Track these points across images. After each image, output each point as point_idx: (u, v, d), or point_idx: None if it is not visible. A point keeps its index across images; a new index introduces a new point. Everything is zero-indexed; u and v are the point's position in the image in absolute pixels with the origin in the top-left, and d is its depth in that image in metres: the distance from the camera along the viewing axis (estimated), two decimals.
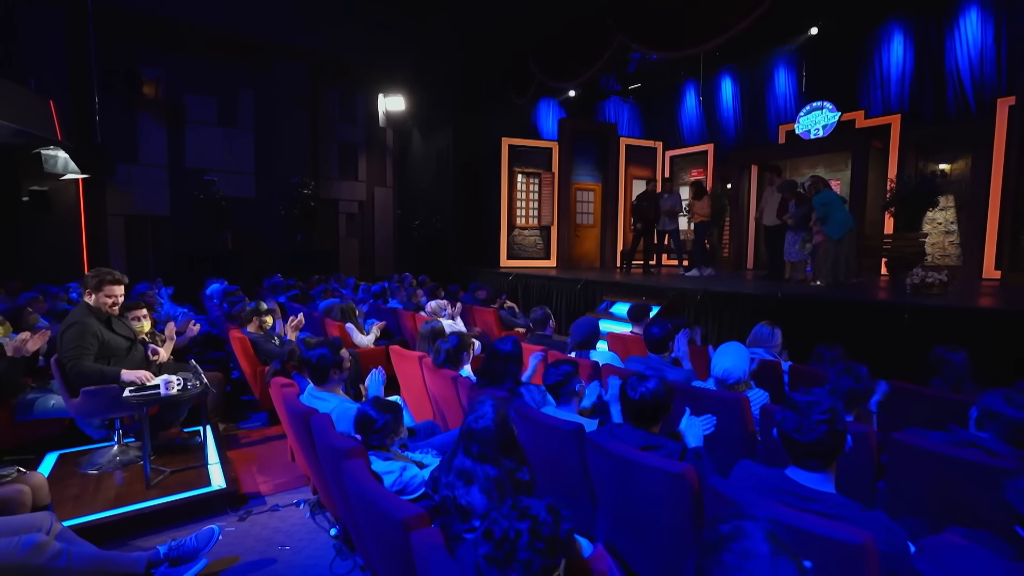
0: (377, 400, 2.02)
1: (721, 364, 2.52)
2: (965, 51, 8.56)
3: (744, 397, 2.41)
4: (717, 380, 2.56)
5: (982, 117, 8.29)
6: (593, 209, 11.41)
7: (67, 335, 2.98)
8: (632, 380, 2.04)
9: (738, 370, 2.51)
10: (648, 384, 2.01)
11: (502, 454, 1.70)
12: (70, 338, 2.96)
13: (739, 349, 2.57)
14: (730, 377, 2.51)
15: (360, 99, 12.23)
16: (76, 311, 3.15)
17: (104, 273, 3.17)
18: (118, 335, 3.20)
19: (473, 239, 11.04)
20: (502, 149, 10.55)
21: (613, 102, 12.86)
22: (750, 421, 2.44)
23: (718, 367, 2.53)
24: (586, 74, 8.77)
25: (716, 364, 2.55)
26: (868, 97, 9.62)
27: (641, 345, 4.06)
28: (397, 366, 3.57)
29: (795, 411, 1.44)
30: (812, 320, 4.77)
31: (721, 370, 2.52)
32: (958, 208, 8.61)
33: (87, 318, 3.06)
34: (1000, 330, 3.78)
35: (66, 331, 2.99)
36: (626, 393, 1.98)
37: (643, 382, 2.02)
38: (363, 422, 1.96)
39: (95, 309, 3.11)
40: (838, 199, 6.35)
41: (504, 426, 1.71)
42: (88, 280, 3.14)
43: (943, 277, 5.23)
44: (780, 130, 10.62)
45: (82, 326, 3.00)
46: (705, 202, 7.92)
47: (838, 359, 3.01)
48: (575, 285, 7.23)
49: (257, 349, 4.06)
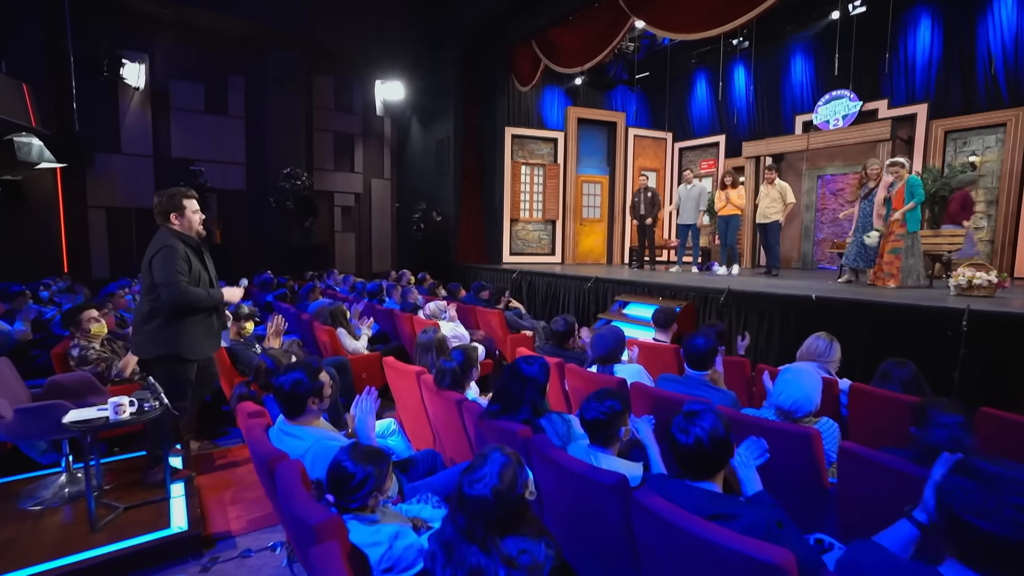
0: (355, 449, 1.56)
1: (789, 393, 2.07)
2: (999, 35, 8.06)
3: (815, 432, 1.96)
4: (781, 411, 2.10)
5: (1015, 105, 7.82)
6: (600, 203, 10.94)
7: (156, 262, 2.67)
8: (680, 420, 1.57)
9: (810, 402, 2.05)
10: (703, 422, 1.54)
11: (499, 532, 1.26)
12: (160, 263, 2.66)
13: (810, 377, 2.11)
14: (799, 410, 2.06)
15: (356, 87, 11.72)
16: (160, 236, 2.78)
17: (174, 190, 2.85)
18: (206, 270, 2.93)
19: (474, 234, 10.56)
20: (505, 139, 10.05)
21: (620, 91, 12.34)
22: (822, 464, 2.00)
23: (785, 396, 2.08)
24: (595, 60, 8.28)
25: (781, 392, 2.10)
26: (891, 85, 9.12)
27: (667, 355, 3.61)
28: (392, 382, 3.12)
29: (980, 483, 0.96)
30: (849, 327, 4.31)
31: (790, 402, 2.06)
32: (987, 202, 8.15)
33: (174, 241, 2.74)
34: None
35: (153, 258, 2.69)
36: (675, 438, 1.52)
37: (695, 421, 1.55)
38: (337, 478, 1.50)
39: (182, 233, 2.82)
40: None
41: (507, 496, 1.27)
42: (165, 202, 2.80)
43: (992, 278, 4.77)
44: (796, 120, 10.12)
45: (171, 249, 2.70)
46: (741, 192, 7.42)
47: (911, 381, 2.56)
48: (584, 284, 6.77)
49: (235, 359, 3.61)
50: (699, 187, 7.94)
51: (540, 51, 8.97)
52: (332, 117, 11.46)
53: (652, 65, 11.22)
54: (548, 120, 11.20)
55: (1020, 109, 7.73)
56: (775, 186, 6.87)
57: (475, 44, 10.19)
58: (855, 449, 1.88)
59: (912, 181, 5.50)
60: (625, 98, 12.34)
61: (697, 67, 11.66)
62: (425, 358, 3.01)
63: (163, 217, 2.82)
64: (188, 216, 2.83)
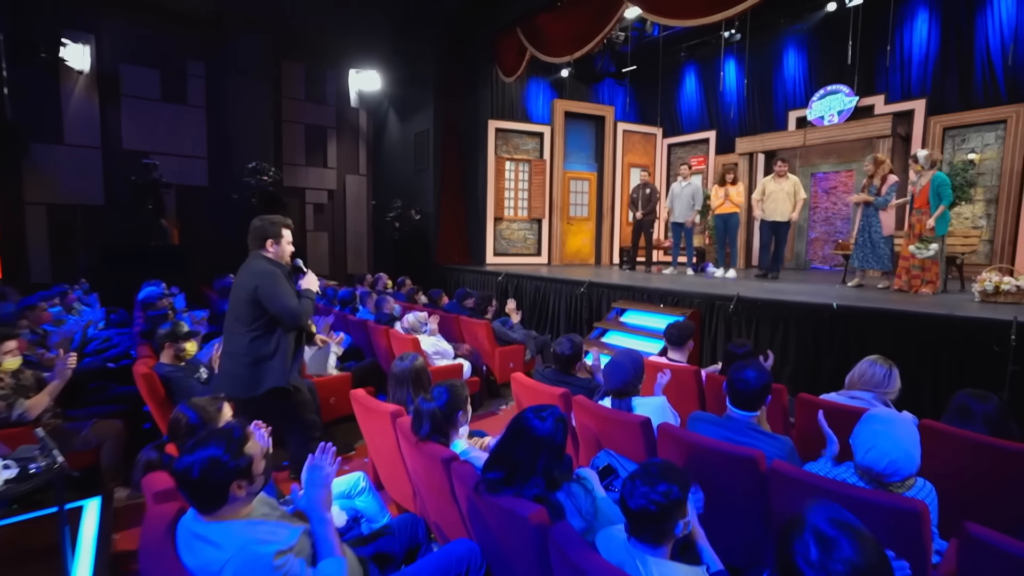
0: None
1: (883, 450, 1.58)
2: (997, 30, 7.82)
3: (922, 508, 1.48)
4: (867, 472, 1.61)
5: (1013, 102, 7.59)
6: (588, 200, 10.46)
7: (267, 291, 2.57)
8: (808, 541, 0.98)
9: (911, 463, 1.57)
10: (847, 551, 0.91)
11: None
12: (273, 291, 2.58)
13: (907, 429, 1.62)
14: (896, 474, 1.57)
15: (329, 77, 11.00)
16: (256, 264, 2.69)
17: (276, 217, 2.81)
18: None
19: (456, 233, 9.98)
20: (488, 133, 9.49)
21: (608, 84, 11.87)
22: (929, 549, 1.52)
23: (877, 454, 1.59)
24: (584, 48, 7.76)
25: (871, 447, 1.61)
26: (887, 81, 8.84)
27: (686, 379, 3.12)
28: (362, 422, 2.55)
29: None
30: (876, 340, 3.89)
31: (885, 462, 1.57)
32: (987, 201, 7.91)
33: (273, 268, 2.68)
34: None
35: (259, 287, 2.59)
36: (794, 563, 0.98)
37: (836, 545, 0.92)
38: None
39: (275, 261, 2.73)
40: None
41: None
42: (266, 228, 2.74)
43: (1021, 283, 4.42)
44: (790, 116, 9.80)
45: (277, 275, 2.65)
46: (740, 189, 6.98)
47: (998, 419, 2.11)
48: (577, 288, 6.27)
49: (173, 388, 2.99)
50: (694, 185, 7.51)
51: (526, 39, 8.42)
52: (303, 108, 10.73)
53: (640, 58, 10.77)
54: (533, 113, 10.67)
55: (1020, 106, 7.49)
56: (789, 180, 6.44)
57: (456, 32, 9.59)
58: (984, 537, 1.40)
59: (940, 180, 5.05)
60: (612, 92, 11.88)
61: (687, 60, 11.26)
62: (400, 393, 2.45)
63: (259, 243, 2.73)
64: (283, 246, 2.77)
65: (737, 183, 6.95)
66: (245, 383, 2.61)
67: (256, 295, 2.57)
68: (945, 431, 2.12)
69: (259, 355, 2.61)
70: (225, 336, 2.74)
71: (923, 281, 5.02)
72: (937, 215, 4.94)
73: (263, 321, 2.60)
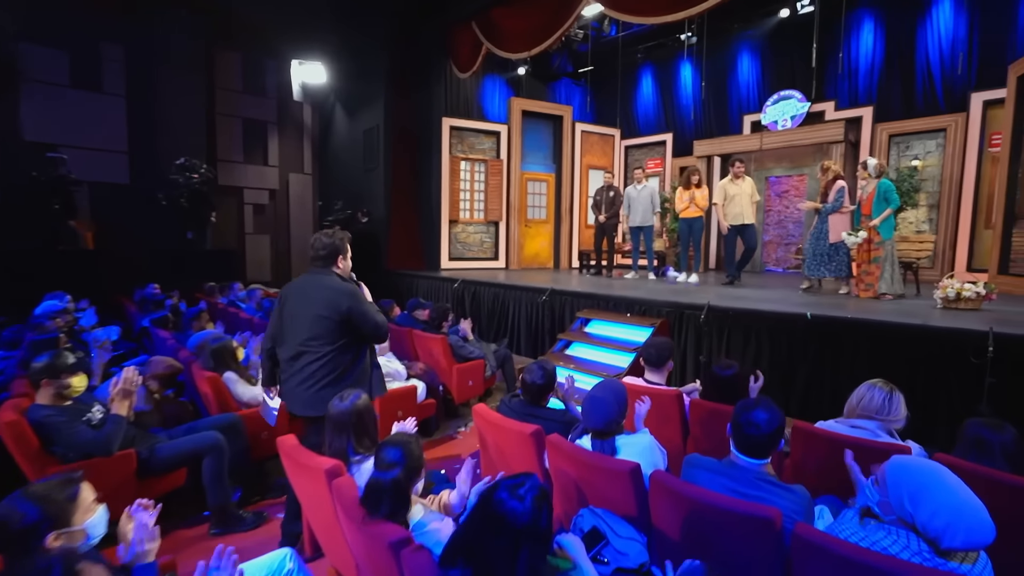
0: None
1: (941, 505, 1.29)
2: (936, 43, 8.10)
3: None
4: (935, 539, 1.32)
5: (951, 111, 7.88)
6: (546, 202, 10.18)
7: (354, 307, 2.53)
8: None
9: (987, 532, 1.28)
10: None
11: None
12: (360, 307, 2.56)
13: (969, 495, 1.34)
14: (973, 544, 1.28)
15: (270, 67, 10.21)
16: (328, 280, 2.59)
17: (341, 232, 2.71)
18: None
19: (408, 237, 9.45)
20: (443, 131, 9.03)
21: (565, 84, 11.66)
22: None
23: (932, 514, 1.30)
24: (543, 45, 7.44)
25: (919, 503, 1.32)
26: (835, 88, 9.02)
27: (668, 406, 2.82)
28: (292, 476, 2.09)
29: None
30: (850, 351, 3.76)
31: (942, 524, 1.28)
32: (929, 206, 8.18)
33: (350, 284, 2.66)
34: None
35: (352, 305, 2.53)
36: None
37: None
38: None
39: (344, 277, 2.68)
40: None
41: None
42: (338, 243, 2.65)
43: (980, 289, 4.43)
44: (744, 120, 9.87)
45: (357, 290, 2.65)
46: (706, 193, 6.84)
47: (1016, 451, 1.90)
48: (538, 296, 5.93)
49: (52, 437, 2.41)
50: (650, 188, 7.35)
51: (481, 33, 8.03)
52: (240, 100, 9.90)
53: (597, 58, 10.59)
54: (489, 112, 10.29)
55: (958, 115, 7.77)
56: (747, 181, 6.35)
57: (408, 22, 9.08)
58: None
59: (886, 186, 5.16)
60: (570, 92, 11.68)
61: (643, 62, 11.20)
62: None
63: (330, 260, 2.63)
64: (348, 260, 2.72)
65: (702, 186, 6.83)
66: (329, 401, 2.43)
67: (347, 314, 2.52)
68: (968, 469, 1.89)
69: (343, 371, 2.57)
70: (295, 355, 2.57)
71: (867, 285, 5.10)
72: (884, 216, 5.04)
73: (348, 338, 2.57)
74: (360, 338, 2.60)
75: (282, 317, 2.61)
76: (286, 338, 2.60)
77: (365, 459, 2.01)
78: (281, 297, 2.69)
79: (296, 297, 2.61)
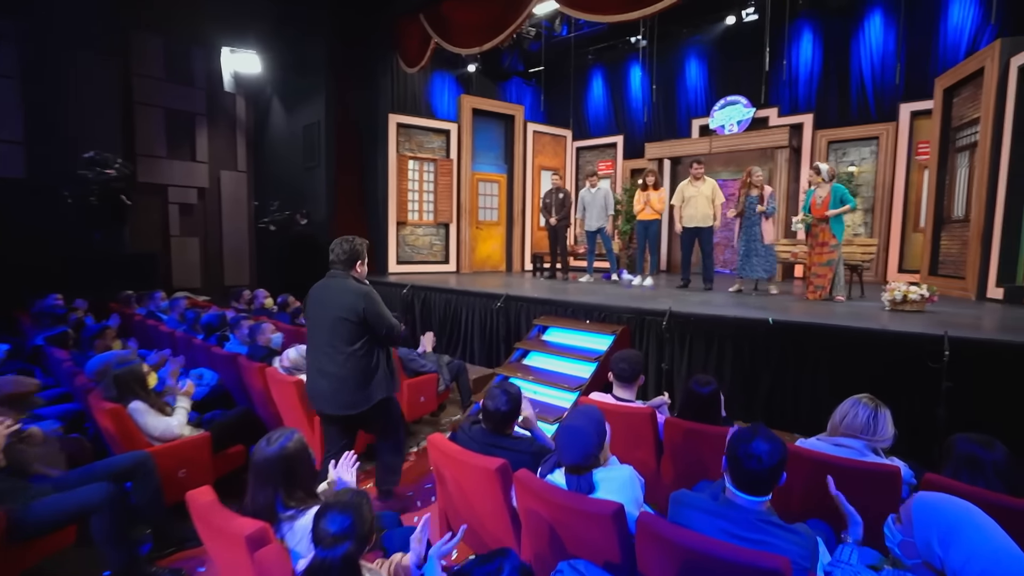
0: None
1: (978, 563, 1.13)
2: (868, 55, 8.49)
3: None
4: None
5: (882, 120, 8.28)
6: (498, 204, 9.92)
7: (371, 311, 2.66)
8: None
9: None
10: None
11: None
12: (377, 310, 2.69)
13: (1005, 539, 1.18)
14: None
15: (196, 54, 9.39)
16: (347, 284, 2.71)
17: (359, 239, 2.84)
18: None
19: None
20: (389, 128, 8.59)
21: (516, 84, 11.46)
22: None
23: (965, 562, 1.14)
24: (494, 41, 7.18)
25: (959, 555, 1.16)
26: (778, 94, 9.30)
27: (640, 426, 2.62)
28: (207, 540, 1.71)
29: None
30: (812, 356, 3.72)
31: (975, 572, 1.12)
32: (864, 211, 8.55)
33: (368, 287, 2.77)
34: None
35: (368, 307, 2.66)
36: None
37: None
38: None
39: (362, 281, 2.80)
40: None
41: None
42: (358, 248, 2.80)
43: (924, 292, 4.55)
44: (693, 124, 10.02)
45: (375, 293, 2.75)
46: (663, 195, 6.77)
47: (1007, 469, 1.81)
48: (493, 303, 5.66)
49: None
50: (604, 190, 7.24)
51: (430, 26, 7.68)
52: (162, 89, 9.03)
53: (548, 58, 10.45)
54: (439, 109, 9.93)
55: (889, 124, 8.16)
56: (707, 183, 6.32)
57: (351, 12, 8.56)
58: None
59: (840, 190, 5.27)
60: (521, 91, 11.49)
61: (594, 64, 11.18)
62: (264, 493, 1.64)
63: (349, 265, 2.77)
64: (365, 266, 2.84)
65: (659, 188, 6.78)
66: (353, 400, 2.70)
67: (364, 315, 2.64)
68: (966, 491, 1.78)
69: (366, 371, 2.70)
70: (318, 357, 2.72)
71: (818, 287, 5.20)
72: (842, 210, 5.19)
73: (367, 339, 2.68)
74: (377, 340, 2.71)
75: (308, 323, 2.79)
76: (312, 341, 2.74)
77: (299, 514, 1.67)
78: (305, 302, 2.87)
79: (316, 301, 2.75)
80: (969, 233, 5.98)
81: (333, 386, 2.65)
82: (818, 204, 5.36)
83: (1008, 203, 5.47)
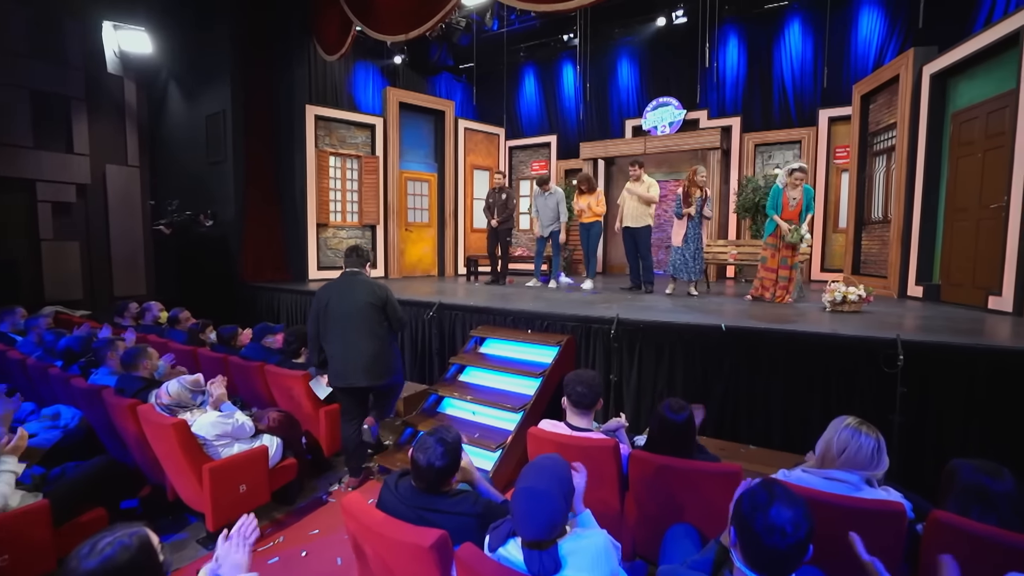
0: None
1: None
2: (788, 62, 8.78)
3: None
4: None
5: (803, 125, 8.59)
6: (428, 204, 9.36)
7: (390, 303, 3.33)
8: None
9: None
10: None
11: None
12: (394, 303, 3.36)
13: None
14: None
15: (71, 29, 8.07)
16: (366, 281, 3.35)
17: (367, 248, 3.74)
18: None
19: (268, 243, 8.02)
20: (307, 120, 7.80)
21: (445, 79, 10.93)
22: None
23: None
24: (420, 28, 6.63)
25: None
26: (707, 97, 9.44)
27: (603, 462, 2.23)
28: None
29: None
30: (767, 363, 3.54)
31: None
32: None
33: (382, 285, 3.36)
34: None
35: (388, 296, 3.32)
36: None
37: None
38: None
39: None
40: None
41: None
42: (367, 254, 3.49)
43: (861, 292, 4.57)
44: (626, 125, 9.98)
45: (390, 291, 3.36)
46: (601, 198, 6.50)
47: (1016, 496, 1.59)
48: (425, 312, 5.13)
49: None
50: (557, 194, 6.82)
51: (350, 9, 6.99)
52: (26, 67, 7.66)
53: (479, 54, 10.03)
54: (362, 102, 9.22)
55: (811, 129, 8.47)
56: (643, 183, 6.13)
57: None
58: None
59: (811, 193, 5.21)
60: (451, 87, 10.98)
61: (526, 61, 10.89)
62: None
63: (363, 264, 3.43)
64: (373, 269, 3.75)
65: (595, 191, 6.52)
66: (380, 372, 3.27)
67: (386, 300, 3.27)
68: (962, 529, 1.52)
69: (388, 350, 3.31)
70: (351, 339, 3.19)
71: (786, 291, 5.16)
72: (809, 217, 5.14)
73: (387, 323, 3.31)
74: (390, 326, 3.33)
75: (329, 316, 3.22)
76: (335, 331, 3.20)
77: None
78: (321, 299, 3.30)
79: (340, 294, 3.25)
80: (889, 234, 6.21)
81: (369, 360, 3.17)
82: (791, 206, 5.25)
83: (924, 205, 5.70)
